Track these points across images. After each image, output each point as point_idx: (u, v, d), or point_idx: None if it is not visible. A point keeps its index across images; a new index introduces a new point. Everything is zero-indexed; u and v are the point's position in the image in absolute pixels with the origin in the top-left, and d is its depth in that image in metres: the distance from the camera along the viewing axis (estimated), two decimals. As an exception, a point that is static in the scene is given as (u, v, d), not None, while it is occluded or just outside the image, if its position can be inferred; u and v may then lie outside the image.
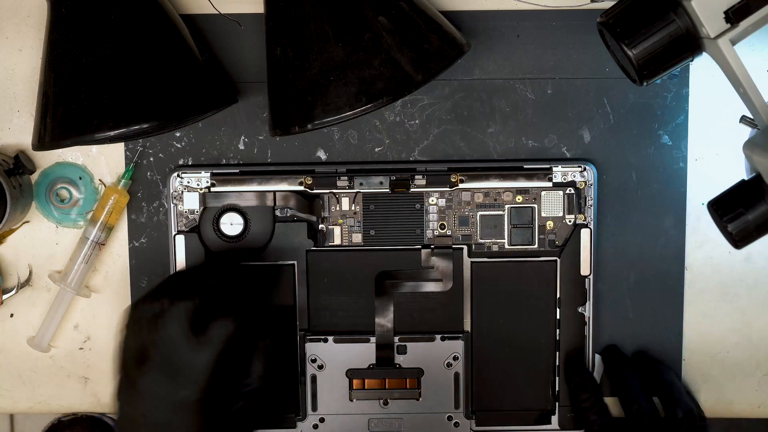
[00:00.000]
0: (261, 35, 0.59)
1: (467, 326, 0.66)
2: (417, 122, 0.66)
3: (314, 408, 0.67)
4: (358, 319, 0.66)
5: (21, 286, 0.67)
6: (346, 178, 0.65)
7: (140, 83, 0.55)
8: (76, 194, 0.66)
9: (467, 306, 0.66)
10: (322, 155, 0.66)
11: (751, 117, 0.51)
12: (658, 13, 0.49)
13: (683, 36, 0.49)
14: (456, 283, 0.66)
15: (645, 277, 0.67)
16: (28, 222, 0.67)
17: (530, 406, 0.67)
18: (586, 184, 0.65)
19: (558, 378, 0.66)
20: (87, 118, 0.54)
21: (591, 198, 0.65)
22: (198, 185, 0.65)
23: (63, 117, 0.55)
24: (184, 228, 0.65)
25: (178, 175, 0.65)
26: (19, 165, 0.64)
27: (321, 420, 0.67)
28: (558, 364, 0.66)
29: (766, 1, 0.47)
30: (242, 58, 0.65)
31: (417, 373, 0.67)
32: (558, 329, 0.66)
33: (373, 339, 0.66)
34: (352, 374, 0.67)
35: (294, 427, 0.67)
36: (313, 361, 0.66)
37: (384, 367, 0.66)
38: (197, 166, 0.66)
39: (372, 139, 0.66)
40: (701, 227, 0.67)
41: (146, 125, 0.55)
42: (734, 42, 0.49)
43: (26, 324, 0.68)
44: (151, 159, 0.66)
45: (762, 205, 0.49)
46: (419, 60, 0.54)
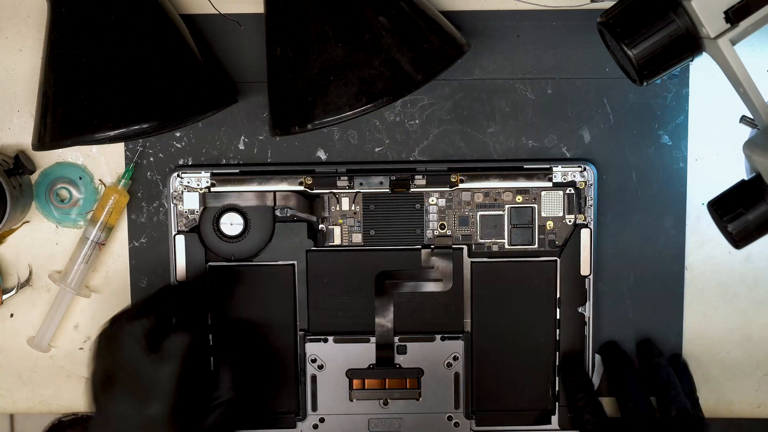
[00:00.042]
0: (261, 35, 0.59)
1: (467, 326, 0.66)
2: (417, 122, 0.66)
3: (314, 408, 0.67)
4: (358, 319, 0.66)
5: (21, 286, 0.67)
6: (346, 178, 0.65)
7: (140, 83, 0.55)
8: (76, 194, 0.66)
9: (467, 306, 0.66)
10: (322, 155, 0.66)
11: (751, 117, 0.51)
12: (658, 13, 0.49)
13: (683, 36, 0.49)
14: (456, 283, 0.66)
15: (645, 277, 0.67)
16: (28, 222, 0.67)
17: (530, 406, 0.67)
18: (586, 184, 0.65)
19: (558, 378, 0.66)
20: (87, 118, 0.54)
21: (591, 198, 0.65)
22: (198, 185, 0.65)
23: (63, 117, 0.55)
24: (184, 228, 0.65)
25: (178, 175, 0.65)
26: (19, 165, 0.64)
27: (321, 420, 0.67)
28: (558, 364, 0.66)
29: (766, 1, 0.48)
30: (242, 58, 0.65)
31: (417, 373, 0.67)
32: (558, 329, 0.66)
33: (373, 339, 0.66)
34: (352, 374, 0.67)
35: (294, 427, 0.67)
36: (313, 361, 0.66)
37: (384, 367, 0.66)
38: (197, 166, 0.66)
39: (372, 139, 0.66)
40: (701, 227, 0.67)
41: (146, 125, 0.55)
42: (734, 42, 0.49)
43: (26, 324, 0.68)
44: (151, 159, 0.66)
45: (762, 205, 0.49)
46: (419, 60, 0.54)
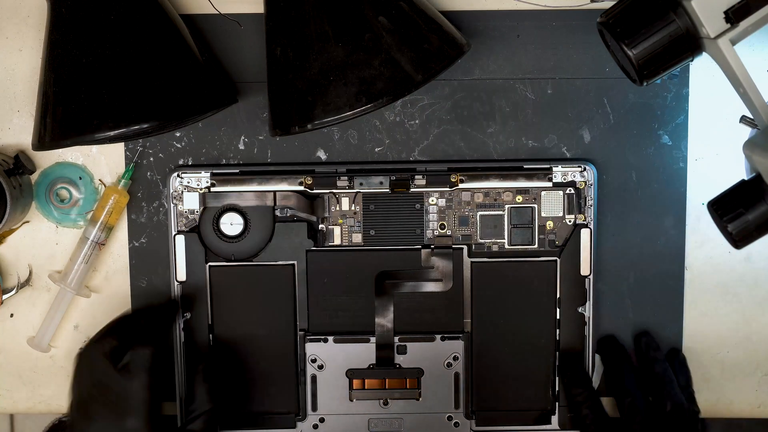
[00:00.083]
0: (261, 35, 0.59)
1: (467, 326, 0.66)
2: (417, 122, 0.66)
3: (314, 408, 0.67)
4: (358, 319, 0.66)
5: (21, 286, 0.67)
6: (346, 178, 0.65)
7: (140, 83, 0.55)
8: (76, 194, 0.66)
9: (467, 306, 0.66)
10: (322, 155, 0.66)
11: (751, 117, 0.51)
12: (658, 13, 0.49)
13: (683, 36, 0.49)
14: (456, 283, 0.66)
15: (645, 277, 0.67)
16: (28, 222, 0.67)
17: (530, 406, 0.67)
18: (586, 184, 0.65)
19: (558, 377, 0.66)
20: (87, 118, 0.54)
21: (591, 198, 0.65)
22: (198, 185, 0.65)
23: (63, 117, 0.55)
24: (184, 228, 0.65)
25: (178, 175, 0.65)
26: (19, 165, 0.64)
27: (321, 420, 0.67)
28: (558, 364, 0.66)
29: (766, 1, 0.48)
30: (242, 58, 0.65)
31: (417, 373, 0.67)
32: (558, 329, 0.66)
33: (373, 339, 0.66)
34: (352, 374, 0.67)
35: (294, 427, 0.67)
36: (313, 361, 0.66)
37: (384, 367, 0.66)
38: (197, 166, 0.66)
39: (372, 139, 0.66)
40: (701, 227, 0.67)
41: (146, 125, 0.55)
42: (734, 42, 0.49)
43: (26, 324, 0.68)
44: (151, 159, 0.66)
45: (762, 205, 0.49)
46: (419, 60, 0.54)
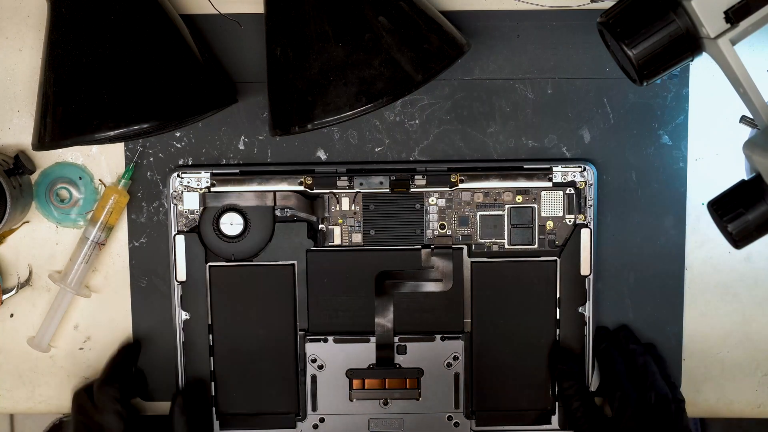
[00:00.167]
0: (261, 35, 0.59)
1: (467, 326, 0.66)
2: (417, 122, 0.66)
3: (314, 408, 0.67)
4: (358, 319, 0.66)
5: (21, 286, 0.67)
6: (346, 178, 0.65)
7: (140, 83, 0.55)
8: (76, 194, 0.66)
9: (467, 306, 0.66)
10: (322, 155, 0.66)
11: (751, 117, 0.51)
12: (658, 13, 0.49)
13: (683, 36, 0.49)
14: (456, 283, 0.66)
15: (645, 277, 0.67)
16: (28, 222, 0.67)
17: (530, 406, 0.67)
18: (586, 184, 0.65)
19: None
20: (87, 118, 0.54)
21: (591, 198, 0.65)
22: (198, 185, 0.65)
23: (63, 117, 0.55)
24: (184, 228, 0.65)
25: (178, 175, 0.65)
26: (19, 165, 0.64)
27: (321, 420, 0.67)
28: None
29: (766, 1, 0.47)
30: (242, 58, 0.65)
31: (417, 373, 0.67)
32: (558, 329, 0.66)
33: (373, 339, 0.66)
34: (352, 374, 0.67)
35: (294, 427, 0.67)
36: (313, 361, 0.66)
37: (384, 367, 0.66)
38: (197, 166, 0.66)
39: (372, 139, 0.66)
40: (701, 227, 0.67)
41: (146, 125, 0.55)
42: (734, 42, 0.49)
43: (26, 324, 0.68)
44: (151, 159, 0.66)
45: (762, 205, 0.49)
46: (419, 60, 0.54)
